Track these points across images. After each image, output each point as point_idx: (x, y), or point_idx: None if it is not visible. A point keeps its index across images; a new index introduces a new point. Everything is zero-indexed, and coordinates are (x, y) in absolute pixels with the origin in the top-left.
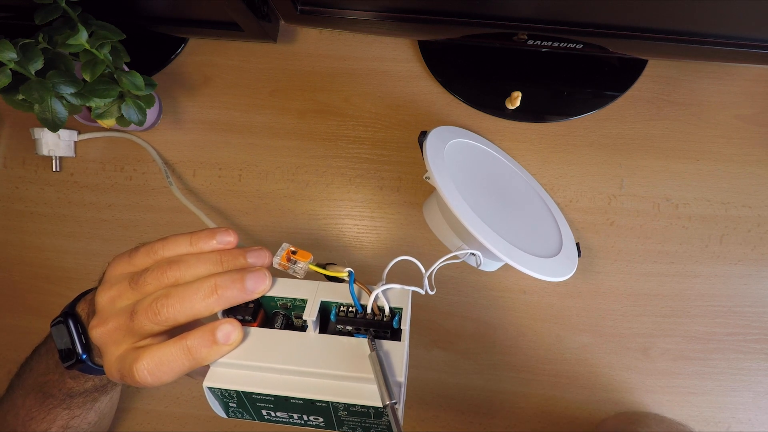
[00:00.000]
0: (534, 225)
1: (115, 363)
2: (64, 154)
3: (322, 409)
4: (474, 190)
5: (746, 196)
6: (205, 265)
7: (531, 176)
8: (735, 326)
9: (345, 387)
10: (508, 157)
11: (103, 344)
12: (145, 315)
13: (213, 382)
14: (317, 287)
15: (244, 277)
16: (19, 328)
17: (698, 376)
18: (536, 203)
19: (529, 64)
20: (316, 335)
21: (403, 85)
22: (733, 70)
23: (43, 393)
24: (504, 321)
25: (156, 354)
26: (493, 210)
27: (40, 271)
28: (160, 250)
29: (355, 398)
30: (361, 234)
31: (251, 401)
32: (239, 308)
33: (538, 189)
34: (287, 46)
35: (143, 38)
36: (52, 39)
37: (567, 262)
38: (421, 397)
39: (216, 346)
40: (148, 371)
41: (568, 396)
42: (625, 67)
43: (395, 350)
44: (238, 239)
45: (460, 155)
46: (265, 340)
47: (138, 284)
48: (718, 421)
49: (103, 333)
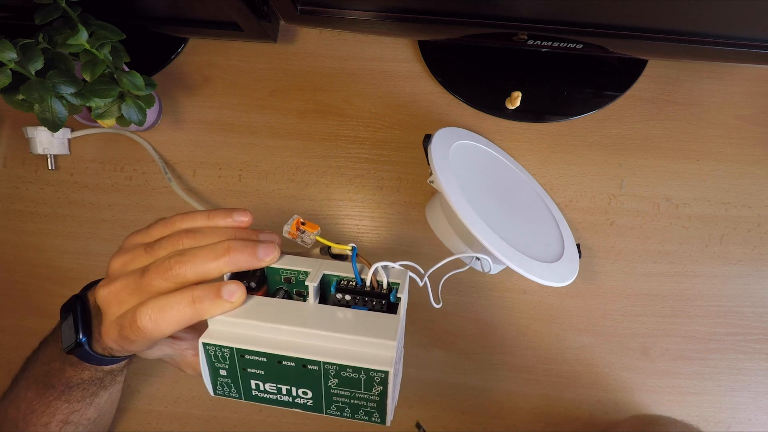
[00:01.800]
0: (536, 228)
1: (115, 321)
2: (59, 152)
3: (312, 377)
4: (478, 194)
5: (746, 196)
6: (219, 237)
7: (532, 177)
8: (735, 326)
9: (338, 350)
10: (510, 159)
11: (106, 304)
12: (157, 271)
13: (210, 339)
14: (320, 264)
15: (256, 245)
16: (19, 328)
17: (698, 376)
18: (538, 205)
19: (529, 64)
20: (315, 304)
21: (403, 85)
22: (733, 70)
23: (44, 384)
24: (504, 321)
25: (161, 300)
26: (496, 213)
27: (40, 271)
28: (177, 222)
29: (348, 360)
30: (361, 234)
31: (243, 365)
32: (245, 275)
33: (539, 190)
34: (287, 46)
35: (143, 38)
36: (52, 39)
37: (570, 266)
38: (421, 397)
39: (219, 300)
40: (150, 317)
41: (568, 396)
42: (625, 67)
43: (389, 319)
44: (252, 219)
45: (464, 158)
46: (265, 306)
47: (153, 248)
48: (718, 421)
49: (109, 292)
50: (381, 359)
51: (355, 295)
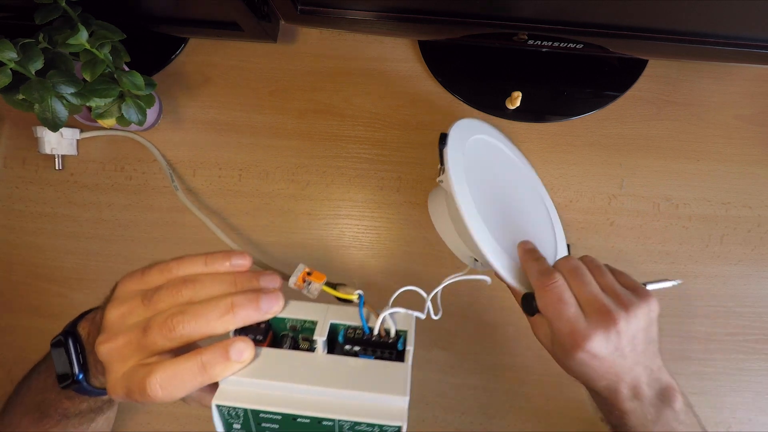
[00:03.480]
0: (534, 231)
1: (121, 380)
2: (67, 152)
3: (328, 429)
4: (485, 194)
5: (746, 196)
6: (219, 285)
7: (536, 175)
8: (735, 326)
9: (352, 405)
10: (519, 154)
11: (109, 361)
12: (160, 331)
13: (222, 400)
14: (327, 310)
15: (259, 298)
16: (19, 328)
17: (698, 376)
18: (537, 205)
19: (529, 64)
20: (324, 355)
21: (403, 85)
22: (733, 70)
23: (40, 412)
24: (504, 321)
25: (170, 368)
26: (499, 215)
27: (40, 271)
28: (174, 268)
29: (361, 416)
30: (361, 234)
31: (257, 422)
32: (250, 328)
33: (541, 190)
34: (287, 46)
35: (143, 38)
36: (52, 39)
37: None
38: (421, 397)
39: (229, 362)
40: (161, 385)
41: (568, 396)
42: (625, 67)
43: (398, 370)
44: (251, 262)
45: (476, 155)
46: (274, 359)
47: (151, 301)
48: (718, 421)
49: (111, 349)
50: (394, 413)
51: (363, 345)
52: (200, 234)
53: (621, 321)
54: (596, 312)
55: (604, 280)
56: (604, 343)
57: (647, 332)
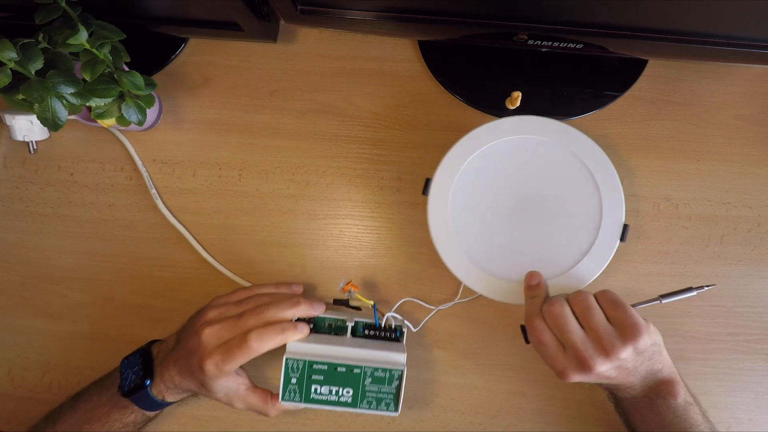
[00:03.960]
0: (559, 234)
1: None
2: (39, 137)
3: (355, 378)
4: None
5: (746, 196)
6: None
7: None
8: (735, 326)
9: (373, 359)
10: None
11: (208, 340)
12: (251, 314)
13: (291, 355)
14: (351, 314)
15: (312, 302)
16: (19, 328)
17: (698, 376)
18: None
19: (529, 64)
20: (350, 336)
21: (403, 85)
22: (733, 70)
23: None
24: (504, 321)
25: (261, 331)
26: (509, 229)
27: (40, 271)
28: (255, 290)
29: (380, 364)
30: (361, 234)
31: (309, 374)
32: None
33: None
34: (287, 46)
35: (143, 38)
36: (52, 39)
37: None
38: (421, 397)
39: (296, 331)
40: (256, 338)
41: (568, 396)
42: (625, 67)
43: (398, 344)
44: (303, 290)
45: (498, 157)
46: (321, 337)
47: (242, 304)
48: (718, 421)
49: (212, 330)
50: (398, 363)
51: (375, 331)
52: None
53: (597, 366)
54: (574, 358)
55: (591, 321)
56: (584, 378)
57: (635, 363)
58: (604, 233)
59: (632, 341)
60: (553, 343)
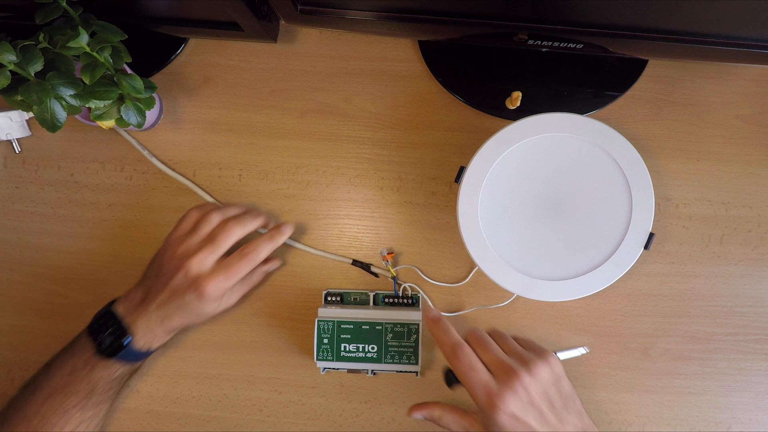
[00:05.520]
0: (586, 235)
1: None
2: (21, 135)
3: (378, 334)
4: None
5: (746, 196)
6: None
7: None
8: (735, 326)
9: (391, 317)
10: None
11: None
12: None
13: (322, 317)
14: (371, 291)
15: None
16: (19, 328)
17: (698, 376)
18: (617, 192)
19: (529, 64)
20: (372, 306)
21: (403, 85)
22: (733, 70)
23: (65, 393)
24: (504, 321)
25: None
26: (536, 225)
27: (40, 271)
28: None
29: (397, 320)
30: (361, 234)
31: (338, 333)
32: (331, 296)
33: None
34: (287, 46)
35: (143, 38)
36: (53, 39)
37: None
38: (421, 398)
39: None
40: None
41: None
42: (625, 67)
43: (414, 308)
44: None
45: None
46: (348, 307)
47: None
48: (718, 421)
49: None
50: (414, 319)
51: (394, 299)
52: None
53: (524, 375)
54: (501, 372)
55: (508, 345)
56: (515, 399)
57: (557, 386)
58: (630, 239)
59: (545, 357)
60: (482, 368)
